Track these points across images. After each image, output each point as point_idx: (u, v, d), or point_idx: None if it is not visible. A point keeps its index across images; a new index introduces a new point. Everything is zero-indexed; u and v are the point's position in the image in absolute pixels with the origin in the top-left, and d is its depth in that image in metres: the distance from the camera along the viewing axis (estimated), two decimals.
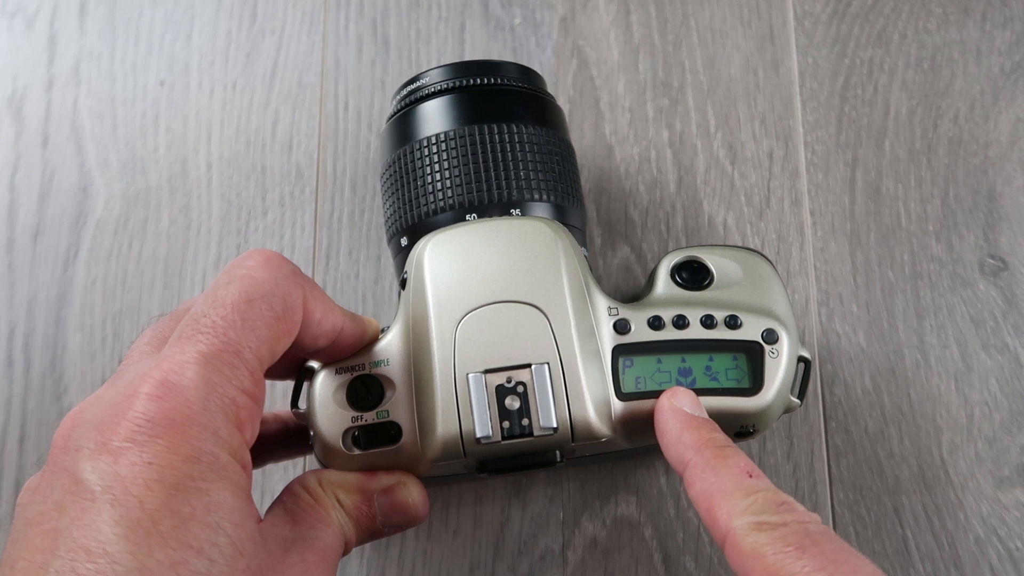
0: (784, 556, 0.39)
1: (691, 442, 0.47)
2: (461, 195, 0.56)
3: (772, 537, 0.40)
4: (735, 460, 0.45)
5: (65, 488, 0.39)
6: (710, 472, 0.45)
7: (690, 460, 0.46)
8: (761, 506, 0.42)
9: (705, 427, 0.48)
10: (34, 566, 0.38)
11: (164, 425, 0.39)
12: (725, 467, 0.45)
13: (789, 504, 0.42)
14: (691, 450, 0.46)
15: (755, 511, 0.42)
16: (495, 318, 0.50)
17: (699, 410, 0.49)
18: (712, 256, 0.56)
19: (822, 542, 0.40)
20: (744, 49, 0.74)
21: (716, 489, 0.44)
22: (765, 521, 0.41)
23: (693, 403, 0.49)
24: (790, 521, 0.41)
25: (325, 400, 0.50)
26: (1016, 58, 0.73)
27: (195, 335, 0.42)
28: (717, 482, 0.44)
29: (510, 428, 0.49)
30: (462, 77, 0.60)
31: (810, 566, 0.39)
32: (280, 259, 0.47)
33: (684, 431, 0.48)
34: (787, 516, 0.41)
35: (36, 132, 0.75)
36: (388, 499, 0.50)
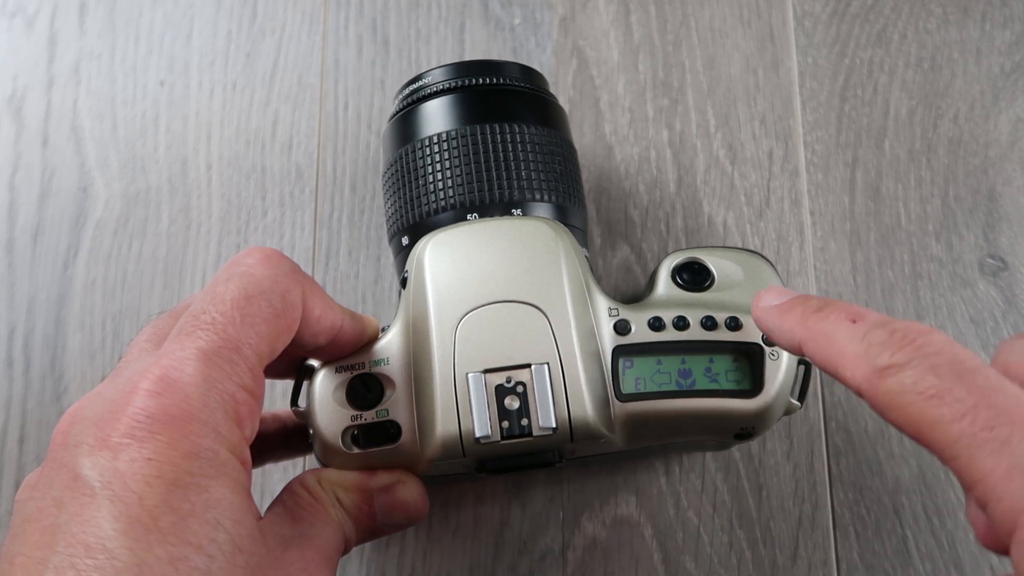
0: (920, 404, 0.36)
1: (793, 324, 0.45)
2: (462, 195, 0.56)
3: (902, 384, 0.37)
4: (835, 313, 0.42)
5: (64, 484, 0.39)
6: (820, 338, 0.42)
7: (800, 338, 0.44)
8: (877, 347, 0.39)
9: (797, 303, 0.45)
10: (33, 562, 0.38)
11: (164, 421, 0.39)
12: (830, 324, 0.42)
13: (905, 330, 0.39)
14: (797, 330, 0.44)
15: (873, 355, 0.39)
16: (495, 318, 0.50)
17: (785, 295, 0.47)
18: (713, 257, 0.56)
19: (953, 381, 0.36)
20: (744, 49, 0.74)
21: (832, 351, 0.41)
22: (887, 364, 0.38)
23: (777, 294, 0.47)
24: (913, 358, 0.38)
25: (325, 399, 0.50)
26: (1016, 58, 0.73)
27: (195, 331, 0.42)
28: (829, 343, 0.42)
29: (509, 428, 0.49)
30: (464, 77, 0.60)
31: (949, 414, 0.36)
32: (279, 256, 0.47)
33: (783, 320, 0.45)
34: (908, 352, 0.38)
35: (36, 132, 0.75)
36: (388, 497, 0.50)
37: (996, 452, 0.34)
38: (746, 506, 0.65)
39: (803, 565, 0.63)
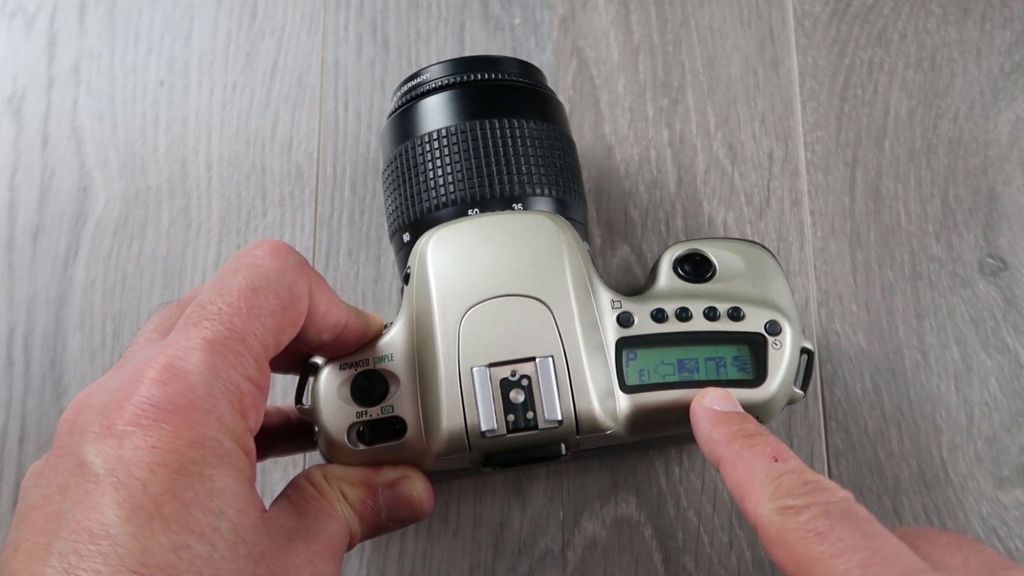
0: (805, 541, 0.39)
1: (721, 438, 0.47)
2: (463, 190, 0.56)
3: (796, 522, 0.40)
4: (762, 446, 0.45)
5: (69, 471, 0.39)
6: (739, 463, 0.45)
7: (721, 455, 0.46)
8: (786, 489, 0.42)
9: (734, 420, 0.47)
10: (37, 547, 0.38)
11: (168, 410, 0.39)
12: (752, 455, 0.44)
13: (815, 483, 0.42)
14: (721, 445, 0.46)
15: (780, 495, 0.41)
16: (499, 312, 0.50)
17: (730, 404, 0.49)
18: (714, 248, 0.56)
19: (840, 525, 0.39)
20: (744, 49, 0.74)
21: (745, 479, 0.44)
22: (789, 505, 0.41)
23: (723, 399, 0.49)
24: (813, 503, 0.40)
25: (329, 395, 0.51)
26: (1016, 58, 0.73)
27: (201, 322, 0.42)
28: (746, 472, 0.44)
29: (515, 421, 0.49)
30: (462, 73, 0.60)
31: (828, 551, 0.38)
32: (287, 249, 0.47)
33: (714, 428, 0.47)
34: (811, 497, 0.41)
35: (36, 132, 0.75)
36: (393, 493, 0.50)
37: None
38: None
39: None
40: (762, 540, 0.42)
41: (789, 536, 0.40)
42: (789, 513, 0.40)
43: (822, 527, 0.39)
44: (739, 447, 0.45)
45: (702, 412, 0.49)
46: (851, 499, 0.41)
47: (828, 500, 0.41)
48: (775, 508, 0.41)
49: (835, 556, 0.38)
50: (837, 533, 0.39)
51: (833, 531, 0.39)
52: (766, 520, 0.41)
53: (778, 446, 0.45)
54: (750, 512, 0.42)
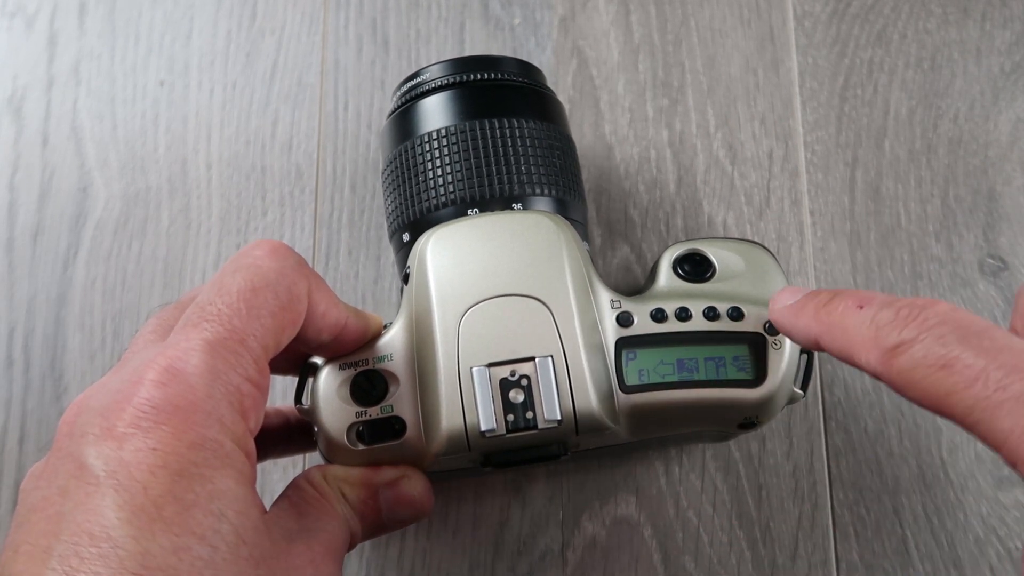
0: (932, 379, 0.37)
1: (806, 322, 0.45)
2: (463, 190, 0.56)
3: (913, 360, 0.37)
4: (843, 303, 0.43)
5: (69, 473, 0.39)
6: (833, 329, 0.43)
7: (815, 333, 0.45)
8: (885, 327, 0.39)
9: (808, 302, 0.46)
10: (37, 550, 0.38)
11: (169, 412, 0.39)
12: (837, 315, 0.43)
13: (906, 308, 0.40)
14: (812, 326, 0.45)
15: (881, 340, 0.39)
16: (498, 312, 0.50)
17: (797, 294, 0.48)
18: (714, 248, 0.56)
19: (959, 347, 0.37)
20: (744, 49, 0.74)
21: (843, 341, 0.42)
22: (895, 343, 0.38)
23: (790, 294, 0.48)
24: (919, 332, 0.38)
25: (329, 396, 0.50)
26: (1016, 58, 0.73)
27: (200, 323, 0.42)
28: (842, 333, 0.42)
29: (514, 421, 0.49)
30: (462, 72, 0.60)
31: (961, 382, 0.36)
32: (286, 249, 0.47)
33: (796, 320, 0.46)
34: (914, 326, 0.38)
35: (36, 132, 0.75)
36: (393, 493, 0.50)
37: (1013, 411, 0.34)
38: (746, 506, 0.65)
39: (803, 565, 0.63)
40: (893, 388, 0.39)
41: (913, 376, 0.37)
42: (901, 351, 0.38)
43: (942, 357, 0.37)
44: (824, 316, 0.44)
45: (780, 316, 0.48)
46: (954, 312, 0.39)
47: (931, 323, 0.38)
48: (884, 352, 0.39)
49: (968, 386, 0.36)
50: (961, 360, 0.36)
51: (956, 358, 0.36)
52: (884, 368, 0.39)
53: (857, 293, 0.43)
54: (866, 367, 0.40)
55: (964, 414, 0.36)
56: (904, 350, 0.38)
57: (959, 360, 0.36)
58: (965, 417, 0.36)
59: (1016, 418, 0.34)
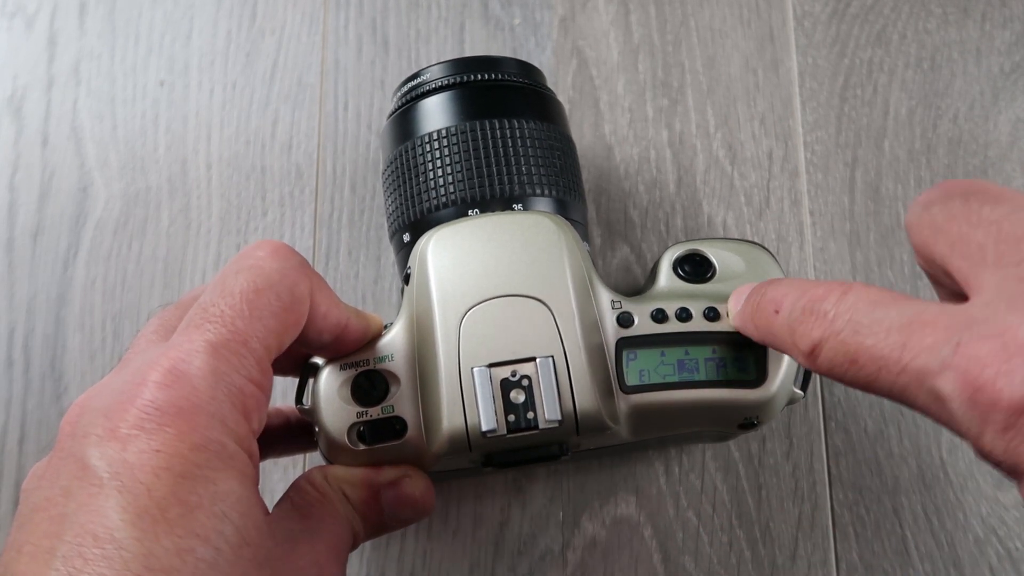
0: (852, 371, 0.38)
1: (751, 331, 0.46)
2: (463, 190, 0.56)
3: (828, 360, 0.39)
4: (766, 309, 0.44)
5: (72, 474, 0.39)
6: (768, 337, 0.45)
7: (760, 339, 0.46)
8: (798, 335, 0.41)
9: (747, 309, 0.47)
10: (40, 551, 0.38)
11: (172, 413, 0.39)
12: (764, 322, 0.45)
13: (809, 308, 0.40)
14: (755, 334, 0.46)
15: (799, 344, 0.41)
16: (499, 312, 0.50)
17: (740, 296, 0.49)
18: (714, 249, 0.56)
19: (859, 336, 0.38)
20: (744, 49, 0.74)
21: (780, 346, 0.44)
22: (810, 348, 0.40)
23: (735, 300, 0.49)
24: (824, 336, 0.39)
25: (330, 396, 0.50)
26: (1016, 58, 0.73)
27: (203, 324, 0.42)
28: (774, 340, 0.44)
29: (515, 421, 0.49)
30: (462, 73, 0.60)
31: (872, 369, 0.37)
32: (288, 250, 0.47)
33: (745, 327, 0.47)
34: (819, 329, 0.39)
35: (36, 132, 0.75)
36: (394, 493, 0.50)
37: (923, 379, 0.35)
38: (746, 506, 0.65)
39: (803, 565, 0.64)
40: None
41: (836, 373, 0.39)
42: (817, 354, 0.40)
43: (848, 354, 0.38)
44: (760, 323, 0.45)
45: (736, 322, 0.49)
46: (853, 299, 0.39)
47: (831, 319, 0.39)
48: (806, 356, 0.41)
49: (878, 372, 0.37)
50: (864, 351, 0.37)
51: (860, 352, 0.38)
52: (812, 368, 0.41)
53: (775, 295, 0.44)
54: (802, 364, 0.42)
55: (892, 395, 0.37)
56: (818, 352, 0.40)
57: (863, 352, 0.37)
58: (895, 397, 0.37)
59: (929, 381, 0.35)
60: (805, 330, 0.40)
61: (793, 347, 0.42)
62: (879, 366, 0.37)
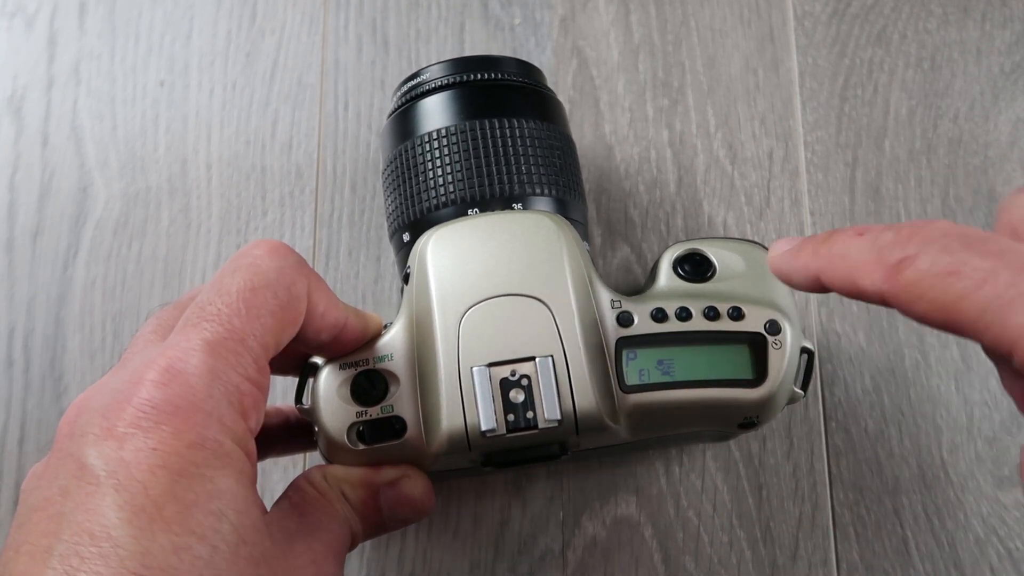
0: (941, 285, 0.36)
1: (805, 261, 0.44)
2: (463, 190, 0.56)
3: (919, 271, 0.37)
4: (842, 234, 0.42)
5: (70, 473, 0.39)
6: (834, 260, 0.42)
7: (815, 269, 0.43)
8: (888, 245, 0.39)
9: (806, 243, 0.44)
10: (38, 550, 0.38)
11: (169, 412, 0.39)
12: (838, 246, 0.42)
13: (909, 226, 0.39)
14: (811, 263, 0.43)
15: (884, 258, 0.38)
16: (499, 311, 0.50)
17: (794, 241, 0.46)
18: (714, 248, 0.56)
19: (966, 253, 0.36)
20: (744, 49, 0.74)
21: (846, 269, 0.41)
22: (901, 258, 0.38)
23: (787, 242, 0.46)
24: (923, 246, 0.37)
25: (329, 395, 0.50)
26: (1016, 58, 0.73)
27: (200, 323, 0.42)
28: (842, 262, 0.41)
29: (515, 421, 0.49)
30: (462, 72, 0.60)
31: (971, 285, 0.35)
32: (286, 249, 0.47)
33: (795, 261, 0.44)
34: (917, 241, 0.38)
35: (36, 132, 0.75)
36: (394, 493, 0.50)
37: None
38: (746, 506, 0.65)
39: (803, 565, 0.63)
40: (899, 308, 0.38)
41: (920, 288, 0.37)
42: (906, 265, 0.37)
43: (949, 264, 0.36)
44: (824, 250, 0.42)
45: (779, 261, 0.46)
46: (955, 225, 0.38)
47: (934, 236, 0.37)
48: (889, 268, 0.38)
49: (978, 288, 0.35)
50: (969, 264, 0.36)
51: (963, 262, 0.36)
52: (890, 285, 0.38)
53: (854, 227, 0.42)
54: (870, 288, 0.39)
55: (975, 319, 0.35)
56: (909, 263, 0.37)
57: (967, 264, 0.35)
58: (976, 322, 0.35)
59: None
60: (897, 244, 0.38)
61: (873, 263, 0.39)
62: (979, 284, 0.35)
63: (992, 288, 0.34)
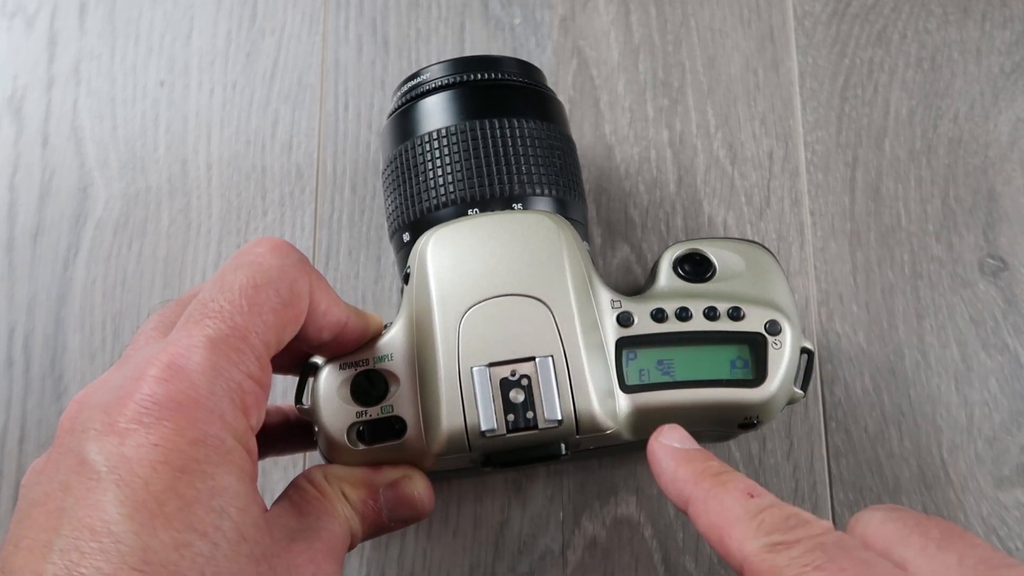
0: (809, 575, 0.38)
1: (687, 476, 0.45)
2: (463, 190, 0.56)
3: (789, 559, 0.38)
4: (734, 484, 0.44)
5: (71, 468, 0.39)
6: (713, 502, 0.43)
7: (690, 494, 0.44)
8: (770, 525, 0.40)
9: (698, 458, 0.46)
10: (38, 544, 0.38)
11: (170, 408, 0.40)
12: (726, 493, 0.43)
13: (797, 516, 0.41)
14: (689, 484, 0.45)
15: (765, 531, 0.40)
16: (499, 312, 0.50)
17: (688, 442, 0.48)
18: (714, 248, 0.56)
19: (839, 555, 0.38)
20: (744, 49, 0.74)
21: (721, 519, 0.42)
22: (778, 541, 0.39)
23: (682, 437, 0.48)
24: (803, 537, 0.39)
25: (329, 395, 0.51)
26: (1016, 58, 0.73)
27: (202, 319, 0.43)
28: (721, 511, 0.42)
29: (515, 421, 0.49)
30: (462, 72, 0.60)
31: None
32: (288, 247, 0.47)
33: (679, 467, 0.46)
34: (799, 532, 0.39)
35: (36, 132, 0.75)
36: (393, 493, 0.50)
37: None
38: None
39: None
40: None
41: (785, 573, 0.38)
42: (780, 549, 0.39)
43: (819, 560, 0.37)
44: (709, 486, 0.44)
45: (662, 450, 0.47)
46: (832, 528, 0.40)
47: (815, 533, 0.39)
48: (763, 545, 0.39)
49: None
50: (837, 564, 0.37)
51: (832, 563, 0.37)
52: (756, 559, 0.39)
53: (748, 482, 0.44)
54: (734, 552, 0.41)
55: None
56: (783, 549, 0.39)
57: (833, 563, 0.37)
58: None
59: None
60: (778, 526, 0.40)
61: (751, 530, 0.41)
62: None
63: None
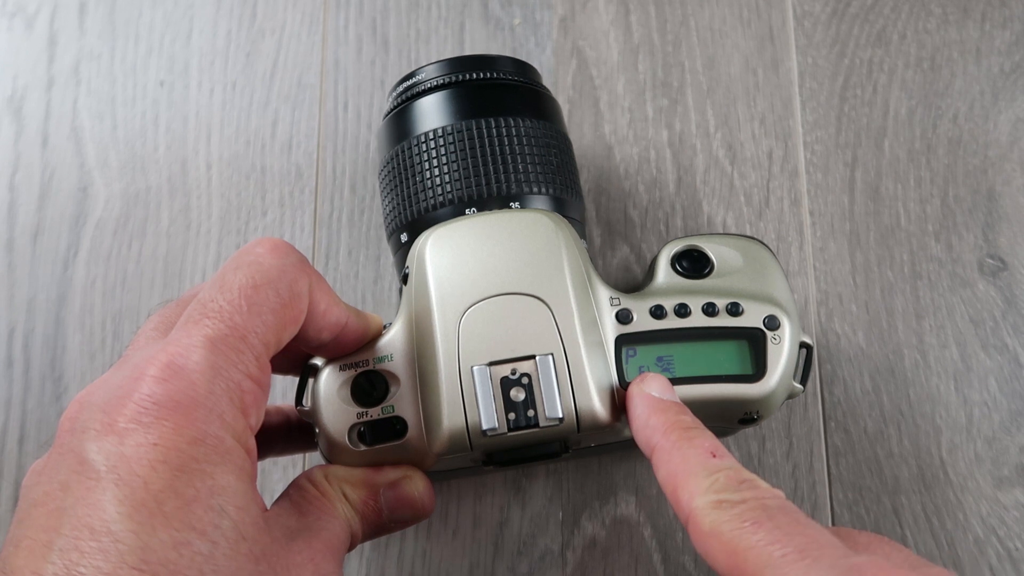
0: (740, 531, 0.39)
1: (658, 425, 0.46)
2: (460, 189, 0.56)
3: (730, 515, 0.40)
4: (700, 441, 0.45)
5: (71, 468, 0.39)
6: (676, 454, 0.45)
7: (656, 443, 0.46)
8: (722, 484, 0.42)
9: (672, 410, 0.47)
10: (38, 544, 0.38)
11: (170, 407, 0.39)
12: (690, 447, 0.44)
13: (751, 482, 0.42)
14: (658, 433, 0.46)
15: (716, 490, 0.42)
16: (498, 310, 0.50)
17: (668, 393, 0.49)
18: (712, 244, 0.56)
19: (778, 515, 0.39)
20: (744, 49, 0.74)
21: (680, 470, 0.44)
22: (725, 499, 0.41)
23: (662, 387, 0.49)
24: (749, 498, 0.41)
25: (330, 396, 0.50)
26: (1016, 58, 0.73)
27: (202, 319, 0.42)
28: (682, 463, 0.44)
29: (516, 420, 0.49)
30: (458, 72, 0.60)
31: (764, 539, 0.38)
32: (288, 247, 0.47)
33: (651, 415, 0.47)
34: (747, 493, 0.41)
35: (36, 132, 0.75)
36: (394, 493, 0.50)
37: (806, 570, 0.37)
38: None
39: None
40: (692, 533, 0.42)
41: (724, 527, 0.40)
42: (724, 506, 0.41)
43: (759, 517, 0.39)
44: (676, 438, 0.45)
45: (639, 396, 0.49)
46: (783, 497, 0.41)
47: (763, 496, 0.41)
48: (710, 502, 0.41)
49: (771, 543, 0.38)
50: (774, 522, 0.39)
51: (770, 520, 0.39)
52: (700, 512, 0.41)
53: (715, 442, 0.45)
54: (683, 503, 0.42)
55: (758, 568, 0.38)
56: (728, 506, 0.41)
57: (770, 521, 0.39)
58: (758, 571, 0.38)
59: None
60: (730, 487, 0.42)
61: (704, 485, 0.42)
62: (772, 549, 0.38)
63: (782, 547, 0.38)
